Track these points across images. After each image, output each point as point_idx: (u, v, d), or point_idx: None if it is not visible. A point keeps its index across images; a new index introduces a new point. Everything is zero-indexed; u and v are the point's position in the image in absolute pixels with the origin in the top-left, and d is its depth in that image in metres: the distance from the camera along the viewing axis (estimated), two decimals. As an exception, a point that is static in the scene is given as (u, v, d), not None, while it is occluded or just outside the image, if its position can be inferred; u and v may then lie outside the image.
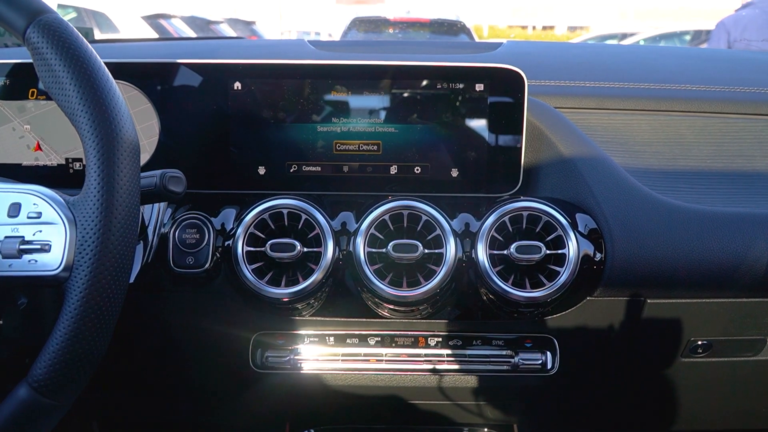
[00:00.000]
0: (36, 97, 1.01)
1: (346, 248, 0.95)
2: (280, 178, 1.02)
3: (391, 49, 1.39)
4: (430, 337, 1.05)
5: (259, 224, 0.93)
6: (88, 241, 0.66)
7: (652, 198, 0.95)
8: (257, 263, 0.92)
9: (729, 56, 1.52)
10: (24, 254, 0.67)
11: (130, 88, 1.00)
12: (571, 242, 0.91)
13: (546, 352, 1.06)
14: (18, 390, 0.66)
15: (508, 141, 1.00)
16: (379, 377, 1.07)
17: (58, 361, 0.65)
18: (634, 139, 1.09)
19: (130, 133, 0.69)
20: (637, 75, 1.19)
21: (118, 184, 0.67)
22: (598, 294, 0.96)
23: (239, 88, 0.99)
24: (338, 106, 1.00)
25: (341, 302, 1.00)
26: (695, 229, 0.92)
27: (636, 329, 1.01)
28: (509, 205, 0.93)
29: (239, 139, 1.01)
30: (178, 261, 0.94)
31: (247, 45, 1.53)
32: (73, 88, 0.67)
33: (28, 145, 1.02)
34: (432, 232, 0.93)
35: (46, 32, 0.67)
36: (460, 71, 0.99)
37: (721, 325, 1.02)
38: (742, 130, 1.10)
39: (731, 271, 0.92)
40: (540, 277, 0.92)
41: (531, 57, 1.24)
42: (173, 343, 1.09)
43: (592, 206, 0.95)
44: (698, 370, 1.11)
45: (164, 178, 0.79)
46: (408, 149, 1.01)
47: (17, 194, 0.70)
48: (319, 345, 1.06)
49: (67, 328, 0.65)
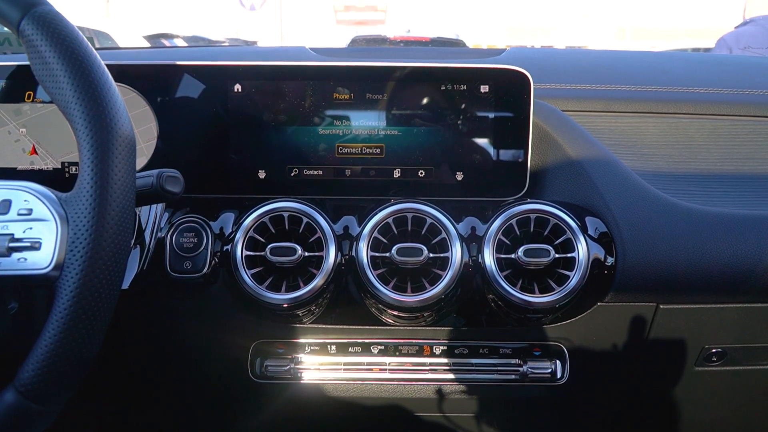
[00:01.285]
0: (32, 101, 0.99)
1: (348, 253, 0.92)
2: (280, 182, 0.99)
3: (393, 55, 1.37)
4: (435, 346, 1.02)
5: (259, 228, 0.91)
6: (80, 238, 0.63)
7: (664, 200, 0.92)
8: (257, 268, 0.90)
9: (736, 60, 1.50)
10: (13, 252, 0.64)
11: (128, 90, 0.98)
12: (581, 245, 0.88)
13: (555, 360, 1.03)
14: (4, 395, 0.63)
15: (514, 143, 0.98)
16: (383, 387, 1.03)
17: (47, 364, 0.62)
18: (642, 142, 1.07)
19: (125, 127, 0.67)
20: (643, 78, 1.17)
21: (112, 179, 0.64)
22: (608, 299, 0.94)
23: (239, 90, 0.98)
24: (340, 109, 0.98)
25: (343, 309, 0.97)
26: (708, 232, 0.89)
27: (648, 336, 0.98)
28: (516, 207, 0.91)
29: (239, 143, 0.99)
30: (175, 266, 0.92)
31: (247, 51, 1.52)
32: (67, 81, 0.65)
33: (24, 149, 1.00)
34: (437, 236, 0.90)
35: (41, 24, 0.66)
36: (464, 72, 0.97)
37: (736, 331, 0.99)
38: (753, 132, 1.08)
39: (746, 274, 0.89)
40: (549, 281, 0.89)
41: (536, 61, 1.23)
42: (169, 352, 1.06)
43: (601, 209, 0.93)
44: (712, 380, 1.07)
45: (161, 177, 0.76)
46: (412, 152, 0.99)
47: (8, 190, 0.68)
48: (320, 354, 1.03)
49: (57, 330, 0.62)
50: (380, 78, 0.97)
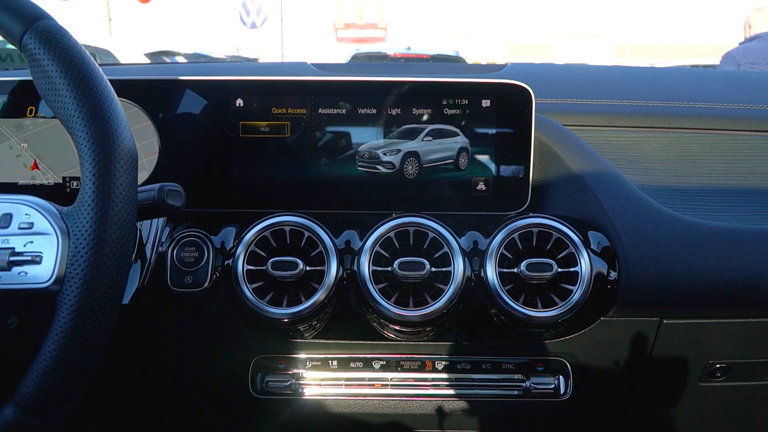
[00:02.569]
0: (34, 115, 0.99)
1: (350, 267, 0.92)
2: (282, 196, 0.99)
3: (394, 70, 1.38)
4: (437, 361, 1.01)
5: (260, 242, 0.90)
6: (81, 252, 0.63)
7: (666, 215, 0.92)
8: (258, 282, 0.89)
9: (736, 76, 1.51)
10: (14, 266, 0.64)
11: (130, 105, 0.98)
12: (584, 260, 0.88)
13: (558, 376, 1.02)
14: (4, 410, 0.62)
15: (516, 157, 0.98)
16: (384, 403, 1.02)
17: (47, 379, 0.61)
18: (644, 157, 1.07)
19: (127, 141, 0.67)
20: (645, 93, 1.18)
21: (114, 193, 0.64)
22: (611, 314, 0.93)
23: (241, 105, 0.98)
24: (342, 124, 0.98)
25: (345, 324, 0.96)
26: (712, 246, 0.89)
27: (651, 351, 0.98)
28: (519, 221, 0.91)
29: (240, 157, 0.98)
30: (176, 280, 0.91)
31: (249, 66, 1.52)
32: (69, 95, 0.65)
33: (25, 164, 1.00)
34: (439, 250, 0.90)
35: (43, 39, 0.66)
36: (466, 87, 0.97)
37: (740, 346, 0.99)
38: (755, 147, 1.08)
39: (749, 289, 0.89)
40: (552, 296, 0.89)
41: (537, 76, 1.23)
42: (169, 367, 1.05)
43: (604, 223, 0.92)
44: (717, 396, 1.06)
45: (163, 191, 0.76)
46: (414, 167, 0.99)
47: (9, 204, 0.67)
48: (321, 369, 1.02)
49: (57, 344, 0.61)
50: (382, 92, 0.98)
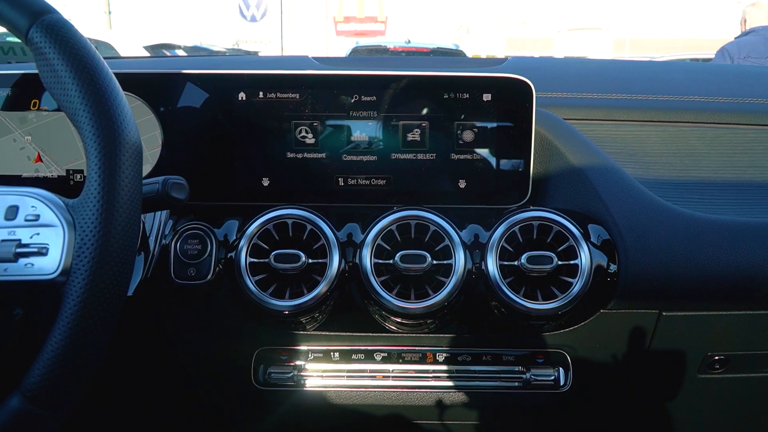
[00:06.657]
0: (38, 108, 1.00)
1: (352, 260, 0.92)
2: (284, 190, 1.00)
3: (395, 64, 1.38)
4: (438, 353, 1.02)
5: (263, 235, 0.91)
6: (87, 243, 0.63)
7: (666, 208, 0.93)
8: (261, 275, 0.90)
9: (735, 70, 1.51)
10: (20, 258, 0.65)
11: (133, 98, 0.99)
12: (584, 252, 0.89)
13: (558, 367, 1.03)
14: (10, 400, 0.63)
15: (516, 151, 0.99)
16: (386, 395, 1.03)
17: (53, 369, 0.62)
18: (643, 150, 1.07)
19: (132, 134, 0.68)
20: (645, 87, 1.18)
21: (119, 186, 0.65)
22: (611, 306, 0.94)
23: (243, 98, 0.98)
24: (343, 117, 0.98)
25: (347, 316, 0.97)
26: (711, 239, 0.89)
27: (651, 343, 0.98)
28: (519, 214, 0.91)
29: (243, 150, 0.99)
30: (179, 272, 0.92)
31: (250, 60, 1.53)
32: (75, 88, 0.65)
33: (29, 157, 1.00)
34: (440, 243, 0.90)
35: (49, 32, 0.66)
36: (467, 81, 0.97)
37: (739, 338, 0.99)
38: (754, 141, 1.09)
39: (748, 281, 0.89)
40: (552, 288, 0.89)
41: (538, 70, 1.23)
42: (172, 358, 1.06)
43: (604, 217, 0.93)
44: (716, 387, 1.07)
45: (167, 184, 0.76)
46: (415, 160, 0.99)
47: (15, 197, 0.68)
48: (323, 361, 1.03)
49: (63, 334, 0.62)
50: (383, 86, 0.98)
